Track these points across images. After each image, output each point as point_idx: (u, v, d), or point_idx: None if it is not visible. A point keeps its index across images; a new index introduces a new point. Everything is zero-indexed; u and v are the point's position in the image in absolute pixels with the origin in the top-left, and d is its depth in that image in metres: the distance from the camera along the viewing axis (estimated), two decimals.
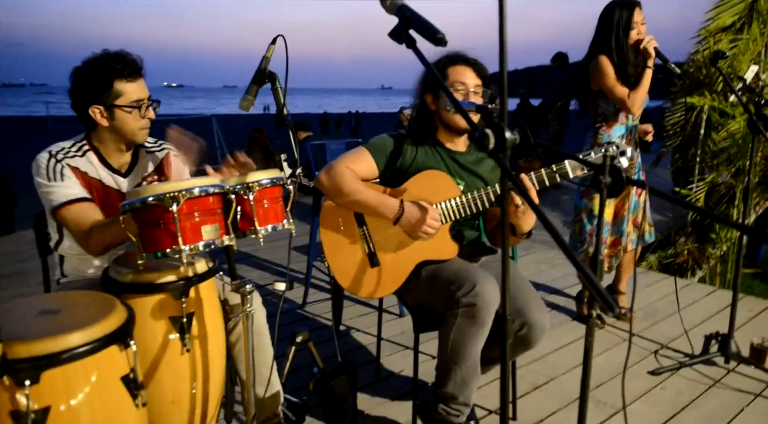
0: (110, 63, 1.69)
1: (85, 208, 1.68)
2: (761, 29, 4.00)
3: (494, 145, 1.04)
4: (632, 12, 2.63)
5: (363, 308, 3.29)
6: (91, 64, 1.70)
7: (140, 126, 1.75)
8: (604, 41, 2.69)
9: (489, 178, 2.02)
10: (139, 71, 1.74)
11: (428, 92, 1.97)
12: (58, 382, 1.14)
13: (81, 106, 1.72)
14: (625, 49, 2.64)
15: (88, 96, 1.70)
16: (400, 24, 1.28)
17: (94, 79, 1.68)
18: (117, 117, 1.72)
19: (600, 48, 2.70)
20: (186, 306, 1.54)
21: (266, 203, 1.58)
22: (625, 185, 1.33)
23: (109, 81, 1.68)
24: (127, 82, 1.71)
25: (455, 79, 1.90)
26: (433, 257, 1.90)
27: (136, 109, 1.72)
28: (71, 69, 1.72)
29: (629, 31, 2.64)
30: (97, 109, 1.71)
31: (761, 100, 2.26)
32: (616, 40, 2.66)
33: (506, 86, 1.10)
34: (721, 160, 4.16)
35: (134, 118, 1.73)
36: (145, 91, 1.75)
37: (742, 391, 2.39)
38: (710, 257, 4.21)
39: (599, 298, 0.89)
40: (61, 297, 1.40)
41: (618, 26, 2.65)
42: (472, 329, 1.73)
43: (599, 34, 2.73)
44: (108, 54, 1.71)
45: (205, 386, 1.64)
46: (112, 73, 1.68)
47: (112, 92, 1.69)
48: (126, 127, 1.73)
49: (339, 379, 1.82)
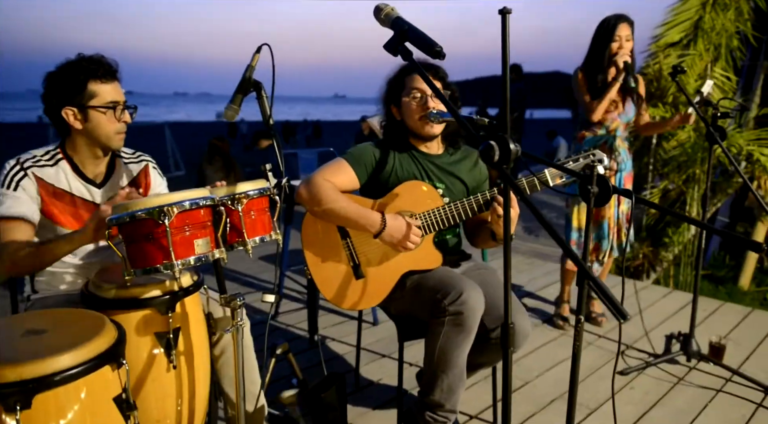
0: (84, 64, 1.64)
1: (18, 228, 1.59)
2: (706, 46, 4.25)
3: (499, 157, 1.07)
4: (615, 26, 2.74)
5: (336, 316, 3.27)
6: (65, 67, 1.65)
7: (115, 129, 1.69)
8: (587, 54, 2.84)
9: (467, 179, 2.06)
10: (114, 74, 1.69)
11: (392, 105, 2.00)
12: (50, 406, 1.09)
13: (54, 109, 1.65)
14: (597, 61, 2.76)
15: (61, 98, 1.64)
16: (395, 37, 1.30)
17: (67, 80, 1.63)
18: (91, 119, 1.66)
19: (584, 60, 2.85)
20: (172, 321, 1.50)
21: (253, 214, 1.56)
22: (612, 194, 1.38)
23: (83, 82, 1.63)
24: (102, 83, 1.66)
25: (412, 86, 1.93)
26: (417, 267, 1.91)
27: (110, 109, 1.66)
28: (44, 74, 1.65)
29: (610, 43, 2.75)
30: (71, 111, 1.64)
31: (717, 113, 2.40)
32: (593, 47, 2.79)
33: (508, 100, 1.13)
34: (671, 168, 4.39)
35: (109, 120, 1.67)
36: (120, 94, 1.70)
37: (704, 387, 2.52)
38: (663, 259, 4.41)
39: (609, 305, 0.92)
40: (45, 315, 1.33)
41: (596, 39, 2.78)
42: (459, 337, 1.75)
43: (590, 45, 2.86)
44: (82, 57, 1.66)
45: (191, 403, 1.60)
46: (86, 73, 1.63)
47: (86, 93, 1.64)
48: (100, 130, 1.67)
49: (329, 391, 1.80)
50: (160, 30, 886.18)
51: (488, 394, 2.39)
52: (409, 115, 1.95)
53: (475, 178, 2.09)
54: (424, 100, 1.91)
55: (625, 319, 0.90)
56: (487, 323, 1.84)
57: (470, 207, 1.88)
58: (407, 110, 1.95)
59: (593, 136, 2.88)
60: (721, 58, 4.27)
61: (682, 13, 4.33)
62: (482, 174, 2.12)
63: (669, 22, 4.42)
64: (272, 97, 1.59)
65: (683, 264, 4.31)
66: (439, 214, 1.89)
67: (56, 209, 1.67)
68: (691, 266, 4.26)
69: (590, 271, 0.93)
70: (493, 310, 1.84)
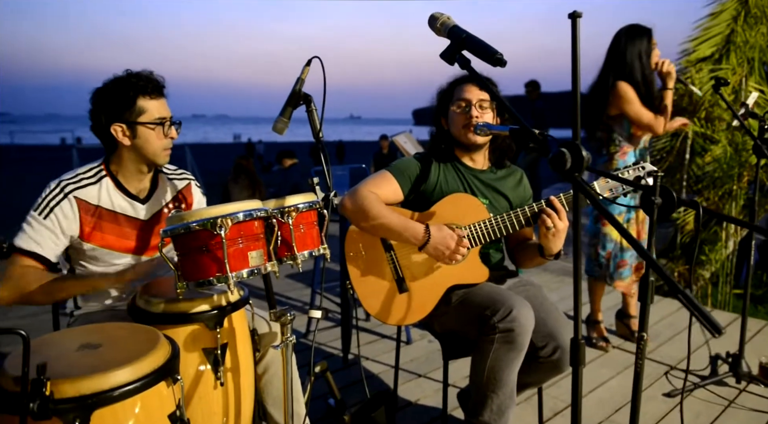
0: (133, 80, 1.64)
1: (30, 264, 1.58)
2: (739, 60, 4.19)
3: (571, 165, 1.04)
4: (650, 37, 2.73)
5: (369, 335, 3.21)
6: (113, 83, 1.65)
7: (163, 146, 1.69)
8: (619, 67, 2.76)
9: (511, 195, 2.02)
10: (162, 90, 1.70)
11: (441, 116, 2.02)
12: (107, 422, 1.05)
13: (102, 125, 1.65)
14: (648, 72, 2.72)
15: (109, 114, 1.64)
16: (452, 45, 1.28)
17: (117, 96, 1.63)
18: (140, 135, 1.65)
19: (615, 74, 2.77)
20: (220, 337, 1.47)
21: (302, 228, 1.53)
22: (677, 205, 1.33)
23: (132, 98, 1.63)
24: (151, 99, 1.66)
25: (458, 97, 1.93)
26: (463, 281, 1.87)
27: (159, 126, 1.67)
28: (92, 90, 1.66)
29: (650, 56, 2.73)
30: (119, 128, 1.64)
31: (765, 125, 2.34)
32: (640, 64, 2.73)
33: (579, 109, 1.10)
34: (706, 184, 4.29)
35: (157, 136, 1.67)
36: (167, 110, 1.70)
37: (757, 410, 2.40)
38: (700, 278, 4.29)
39: (702, 319, 0.87)
40: (98, 329, 1.31)
41: (641, 53, 2.73)
42: (509, 355, 1.69)
43: (612, 60, 2.80)
44: (129, 73, 1.67)
45: (237, 421, 1.56)
46: (135, 89, 1.63)
47: (135, 109, 1.64)
48: (148, 147, 1.67)
49: (378, 411, 1.75)
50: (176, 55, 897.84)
51: (531, 415, 2.31)
52: (453, 124, 1.95)
53: (519, 196, 2.05)
54: (468, 108, 1.90)
55: (720, 333, 0.85)
56: (536, 341, 1.78)
57: (517, 220, 1.83)
58: (452, 119, 1.95)
59: (634, 150, 2.83)
60: (755, 73, 4.20)
61: (712, 28, 4.28)
62: (526, 192, 2.08)
63: (698, 38, 4.37)
64: (323, 110, 1.58)
65: (721, 283, 4.18)
66: (485, 226, 1.84)
67: (98, 230, 1.66)
68: (730, 284, 4.14)
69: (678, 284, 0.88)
70: (542, 327, 1.78)
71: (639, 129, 2.80)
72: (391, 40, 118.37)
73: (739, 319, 3.29)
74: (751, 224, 1.89)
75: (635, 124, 2.78)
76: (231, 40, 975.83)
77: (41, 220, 1.59)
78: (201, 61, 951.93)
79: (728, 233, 4.10)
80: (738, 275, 4.26)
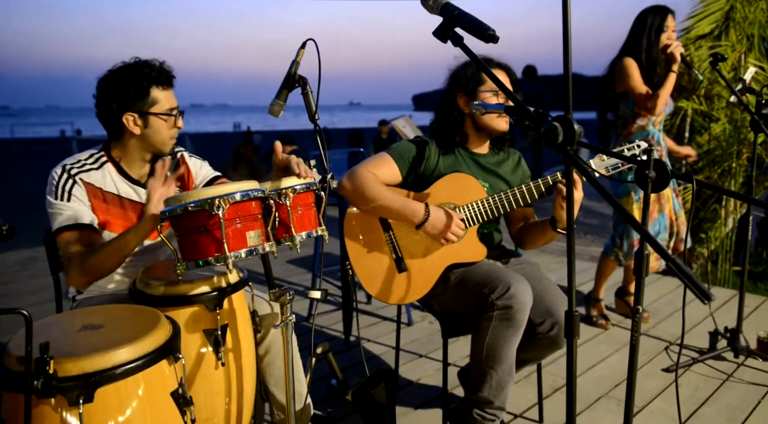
0: (146, 70, 1.64)
1: (80, 237, 1.59)
2: (738, 36, 4.16)
3: (563, 138, 1.04)
4: (665, 17, 2.72)
5: (369, 318, 3.24)
6: (125, 71, 1.64)
7: (171, 135, 1.71)
8: (635, 44, 2.77)
9: (510, 179, 2.02)
10: (172, 80, 1.70)
11: (461, 93, 1.94)
12: (111, 399, 1.08)
13: (112, 113, 1.65)
14: (655, 51, 2.71)
15: (121, 103, 1.64)
16: (445, 22, 1.28)
17: (130, 85, 1.63)
18: (151, 124, 1.67)
19: (629, 50, 2.78)
20: (220, 318, 1.49)
21: (300, 209, 1.54)
22: (671, 178, 1.34)
23: (146, 88, 1.64)
24: (163, 89, 1.67)
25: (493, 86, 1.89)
26: (461, 260, 1.88)
27: (170, 117, 1.68)
28: (98, 78, 1.66)
29: (660, 35, 2.72)
30: (131, 117, 1.65)
31: (762, 100, 2.33)
32: (647, 41, 2.73)
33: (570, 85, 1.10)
34: (705, 163, 4.28)
35: (168, 126, 1.69)
36: (175, 100, 1.72)
37: (756, 384, 2.43)
38: (699, 256, 4.30)
39: (693, 287, 0.88)
40: (100, 311, 1.32)
41: (650, 29, 2.72)
42: (508, 332, 1.71)
43: (631, 38, 2.80)
44: (141, 62, 1.67)
45: (239, 401, 1.58)
46: (149, 80, 1.64)
47: (149, 100, 1.65)
48: (158, 136, 1.68)
49: (378, 388, 1.78)
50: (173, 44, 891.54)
51: (531, 393, 2.34)
52: (480, 109, 1.90)
53: (518, 178, 2.05)
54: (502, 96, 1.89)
55: (709, 300, 0.86)
56: (534, 317, 1.79)
57: (514, 198, 1.84)
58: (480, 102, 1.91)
59: (641, 130, 2.82)
60: (755, 49, 4.16)
61: (712, 4, 4.24)
62: (524, 174, 2.08)
63: (698, 14, 4.33)
64: (318, 92, 1.58)
65: (720, 260, 4.19)
66: (482, 205, 1.85)
67: (105, 214, 1.68)
68: (729, 262, 4.15)
69: (669, 253, 0.89)
70: (539, 304, 1.80)
71: (642, 108, 2.80)
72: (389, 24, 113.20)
73: (737, 295, 3.32)
74: (748, 197, 1.89)
75: (637, 102, 2.78)
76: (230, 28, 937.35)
77: (65, 203, 1.62)
78: (200, 50, 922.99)
79: (727, 210, 4.11)
80: (738, 253, 4.27)
